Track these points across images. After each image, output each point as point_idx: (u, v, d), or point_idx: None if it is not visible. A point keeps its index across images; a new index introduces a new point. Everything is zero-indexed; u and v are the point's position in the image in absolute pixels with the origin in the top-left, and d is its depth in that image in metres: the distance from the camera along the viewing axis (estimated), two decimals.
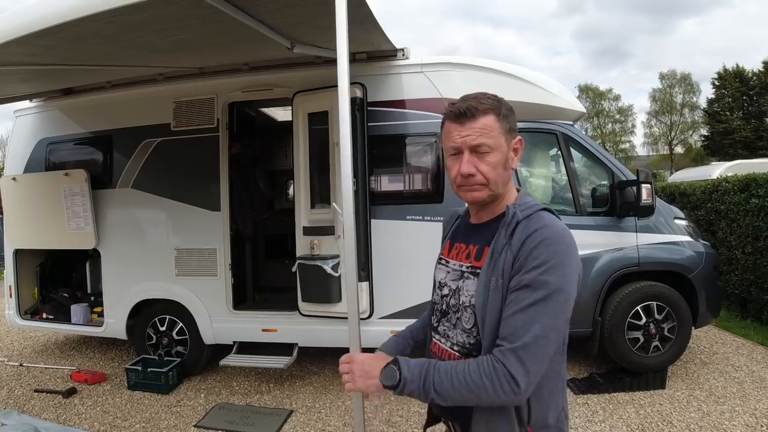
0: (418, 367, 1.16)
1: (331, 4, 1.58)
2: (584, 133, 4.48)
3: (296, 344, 4.23)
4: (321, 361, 4.76)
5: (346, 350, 1.41)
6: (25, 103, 5.24)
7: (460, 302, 1.27)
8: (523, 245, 1.15)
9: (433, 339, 1.38)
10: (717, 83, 35.65)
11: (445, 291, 1.33)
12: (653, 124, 42.49)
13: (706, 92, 49.88)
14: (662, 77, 41.01)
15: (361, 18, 2.90)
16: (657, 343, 4.13)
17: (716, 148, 34.04)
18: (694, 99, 40.53)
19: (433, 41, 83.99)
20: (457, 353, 1.27)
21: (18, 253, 5.18)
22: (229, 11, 2.44)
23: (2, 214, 15.03)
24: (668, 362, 4.20)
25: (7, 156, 5.66)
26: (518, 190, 1.31)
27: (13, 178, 5.11)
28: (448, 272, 1.35)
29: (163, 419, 3.77)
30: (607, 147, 42.01)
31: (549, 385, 1.20)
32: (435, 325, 1.37)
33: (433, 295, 1.41)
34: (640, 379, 4.04)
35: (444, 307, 1.33)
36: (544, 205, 1.23)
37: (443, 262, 1.39)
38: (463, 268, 1.29)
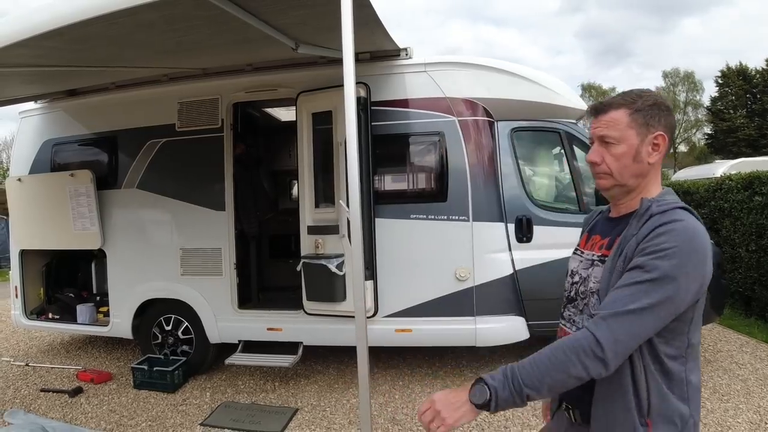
0: (501, 373, 1.16)
1: (335, 4, 1.59)
2: (587, 131, 4.48)
3: (301, 343, 4.26)
4: (326, 360, 4.78)
5: (351, 349, 1.42)
6: (30, 105, 5.28)
7: (588, 288, 1.30)
8: (651, 233, 1.16)
9: (560, 325, 1.41)
10: (720, 81, 35.60)
11: (576, 279, 1.38)
12: None
13: (710, 90, 49.80)
14: (665, 75, 41.12)
15: (365, 19, 2.92)
16: None
17: (720, 146, 33.97)
18: (698, 97, 40.52)
19: (436, 41, 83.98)
20: None
21: (24, 254, 5.22)
22: (234, 12, 2.45)
23: (7, 215, 15.11)
24: None
25: (12, 157, 5.68)
26: (662, 190, 1.32)
27: (19, 179, 5.16)
28: (581, 261, 1.39)
29: (170, 417, 3.80)
30: None
31: (672, 383, 1.19)
32: (562, 311, 1.41)
33: (565, 283, 1.45)
34: None
35: (573, 293, 1.37)
36: (684, 205, 1.22)
37: (578, 252, 1.44)
38: (594, 257, 1.34)
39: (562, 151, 4.36)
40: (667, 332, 1.17)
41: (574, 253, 1.46)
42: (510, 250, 4.08)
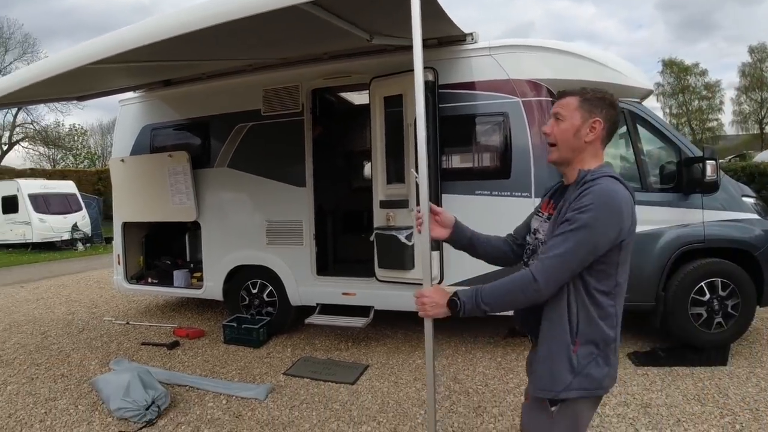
0: (470, 291, 1.56)
1: (405, 3, 1.87)
2: (651, 110, 4.48)
3: (372, 307, 4.61)
4: (394, 325, 5.14)
5: (417, 314, 1.78)
6: (129, 94, 5.85)
7: (539, 240, 1.67)
8: (580, 194, 1.51)
9: None
10: None
11: (537, 235, 1.71)
12: (743, 101, 38.62)
13: None
14: (752, 51, 37.44)
15: (432, 12, 3.16)
16: (720, 319, 4.16)
17: None
18: None
19: (506, 18, 79.89)
20: None
21: (126, 226, 5.86)
22: (318, 12, 2.74)
23: (99, 195, 16.61)
24: (730, 339, 4.22)
25: (114, 141, 6.31)
26: (601, 164, 1.65)
27: (122, 160, 5.77)
28: (541, 221, 1.73)
29: (256, 367, 4.28)
30: (693, 125, 38.98)
31: (598, 314, 1.54)
32: (527, 260, 1.75)
33: (527, 237, 1.79)
34: (701, 355, 4.06)
35: (533, 247, 1.72)
36: (613, 173, 1.56)
37: (539, 213, 1.77)
38: (545, 216, 1.70)
39: (627, 129, 4.38)
40: (598, 273, 1.52)
41: (534, 214, 1.80)
42: None
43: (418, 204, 1.87)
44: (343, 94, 6.13)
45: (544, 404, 1.58)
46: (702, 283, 4.16)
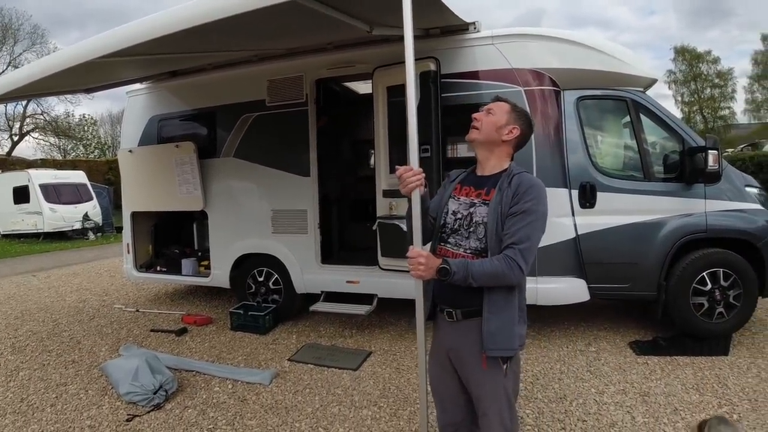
0: (460, 264, 1.79)
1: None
2: (654, 100, 4.46)
3: (376, 295, 4.68)
4: (397, 312, 5.20)
5: None
6: (137, 85, 5.91)
7: (473, 221, 1.91)
8: (519, 187, 1.83)
9: (443, 247, 1.98)
10: None
11: (458, 216, 1.96)
12: (755, 89, 37.75)
13: None
14: (765, 38, 36.69)
15: (431, 3, 3.17)
16: (721, 309, 4.16)
17: None
18: None
19: (517, 4, 78.65)
20: (470, 255, 1.90)
21: (134, 216, 5.96)
22: (318, 8, 2.79)
23: (109, 185, 16.75)
24: (732, 329, 4.22)
25: (122, 132, 6.38)
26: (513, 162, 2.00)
27: (130, 151, 5.85)
28: (460, 204, 1.98)
29: (262, 354, 4.37)
30: (705, 114, 38.44)
31: (523, 292, 1.92)
32: (445, 237, 1.98)
33: (441, 218, 2.02)
34: (703, 345, 4.07)
35: (456, 226, 1.96)
36: (525, 170, 1.93)
37: (455, 197, 2.02)
38: (474, 201, 1.94)
39: (629, 119, 4.38)
40: None
41: (450, 198, 2.02)
42: (573, 215, 4.23)
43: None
44: (348, 84, 6.14)
45: (499, 363, 1.87)
46: (704, 273, 4.15)
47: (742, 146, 18.90)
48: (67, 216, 15.04)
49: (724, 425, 2.73)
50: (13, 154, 27.84)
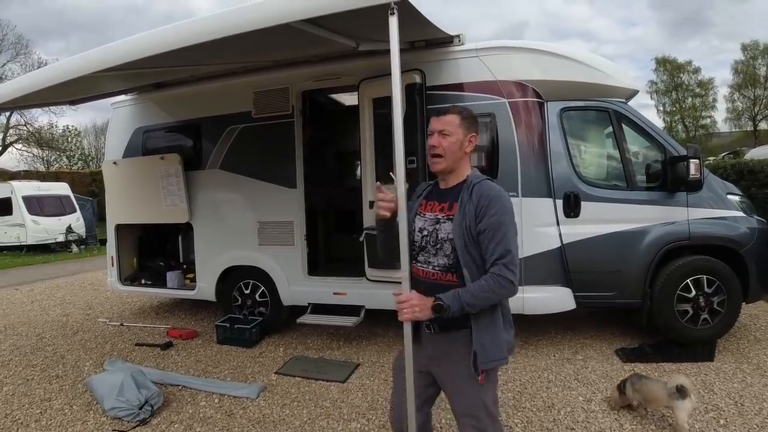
0: (452, 296, 1.78)
1: (386, 16, 1.96)
2: (636, 110, 4.53)
3: (363, 306, 4.67)
4: (385, 324, 5.18)
5: None
6: (121, 97, 5.87)
7: (439, 238, 1.90)
8: (480, 200, 1.82)
9: (417, 266, 1.98)
10: None
11: (425, 233, 1.95)
12: (736, 98, 38.66)
13: None
14: (744, 48, 37.58)
15: (415, 18, 3.21)
16: (706, 315, 4.21)
17: None
18: None
19: (501, 17, 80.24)
20: (439, 272, 1.91)
21: (119, 228, 5.89)
22: (307, 27, 2.80)
23: (92, 197, 16.53)
24: (717, 335, 4.28)
25: (106, 143, 6.31)
26: (472, 169, 1.99)
27: (114, 163, 5.80)
28: (426, 221, 1.97)
29: (248, 367, 4.33)
30: (687, 123, 39.13)
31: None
32: (415, 255, 1.98)
33: (411, 236, 1.99)
34: (688, 351, 4.11)
35: (423, 243, 1.95)
36: (487, 177, 1.93)
37: (420, 215, 2.01)
38: (438, 217, 1.93)
39: (612, 129, 4.44)
40: None
41: (416, 215, 2.01)
42: (558, 224, 4.27)
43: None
44: (334, 96, 6.16)
45: (483, 375, 1.86)
46: (688, 280, 4.22)
47: (723, 154, 19.25)
48: (51, 228, 14.84)
49: (642, 378, 3.18)
50: None
